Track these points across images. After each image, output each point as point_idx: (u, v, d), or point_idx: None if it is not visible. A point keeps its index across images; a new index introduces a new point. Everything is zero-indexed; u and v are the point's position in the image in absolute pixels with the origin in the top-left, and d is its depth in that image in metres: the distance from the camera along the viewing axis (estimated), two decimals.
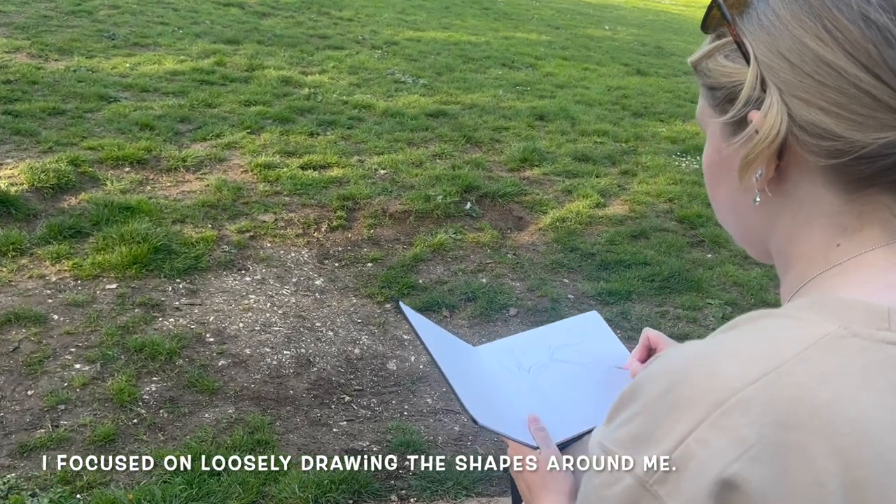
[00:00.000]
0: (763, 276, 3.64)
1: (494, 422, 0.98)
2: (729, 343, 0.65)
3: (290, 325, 2.93)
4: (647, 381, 0.67)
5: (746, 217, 0.76)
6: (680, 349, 0.69)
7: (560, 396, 1.15)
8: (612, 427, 0.71)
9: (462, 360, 1.12)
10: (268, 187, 3.96)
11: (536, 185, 4.44)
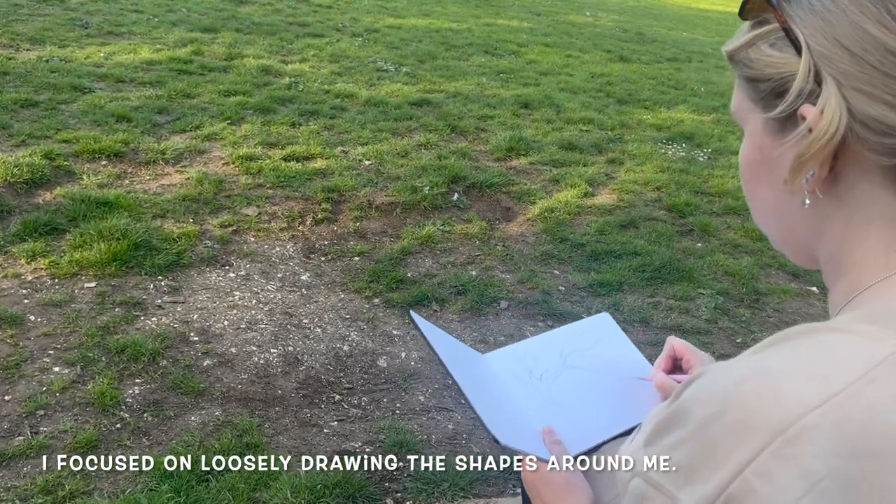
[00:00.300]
0: (754, 265, 3.61)
1: (514, 439, 0.92)
2: (785, 361, 0.59)
3: (276, 322, 2.85)
4: (694, 403, 0.61)
5: (791, 220, 0.70)
6: (729, 367, 0.63)
7: (574, 406, 1.09)
8: (653, 453, 0.64)
9: (475, 372, 1.06)
10: (250, 180, 3.87)
11: (523, 174, 4.38)
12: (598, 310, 3.10)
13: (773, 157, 0.68)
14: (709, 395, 0.60)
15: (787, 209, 0.69)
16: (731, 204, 4.27)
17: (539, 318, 3.05)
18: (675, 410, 0.63)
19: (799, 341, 0.62)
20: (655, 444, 0.64)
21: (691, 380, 0.65)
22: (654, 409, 0.78)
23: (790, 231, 0.71)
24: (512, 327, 2.98)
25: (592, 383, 1.13)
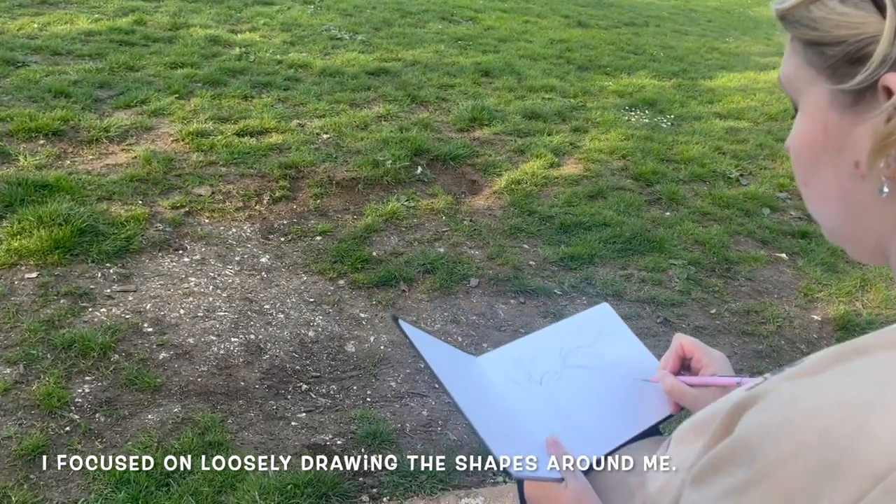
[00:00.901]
0: (723, 233, 3.57)
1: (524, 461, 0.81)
2: (867, 388, 0.47)
3: (235, 308, 2.70)
4: (761, 438, 0.50)
5: (860, 210, 0.59)
6: (794, 395, 0.51)
7: (580, 411, 0.98)
8: (709, 495, 0.53)
9: (472, 384, 0.94)
10: (202, 157, 3.66)
11: (488, 145, 4.25)
12: (570, 285, 3.02)
13: (842, 137, 0.57)
14: (778, 428, 0.49)
15: (855, 197, 0.58)
16: (697, 171, 4.22)
17: (511, 296, 2.95)
18: (735, 444, 0.52)
19: (881, 357, 0.52)
20: (710, 482, 0.53)
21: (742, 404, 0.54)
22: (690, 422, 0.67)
23: (857, 223, 0.60)
24: (483, 306, 2.87)
25: (597, 384, 1.03)
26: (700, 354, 1.02)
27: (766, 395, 0.53)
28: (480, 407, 0.87)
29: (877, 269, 3.39)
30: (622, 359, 1.07)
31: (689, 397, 0.98)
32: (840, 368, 0.52)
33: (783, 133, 5.07)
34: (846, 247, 0.65)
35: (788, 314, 3.02)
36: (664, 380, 1.01)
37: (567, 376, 1.03)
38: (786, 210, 3.95)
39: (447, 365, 0.87)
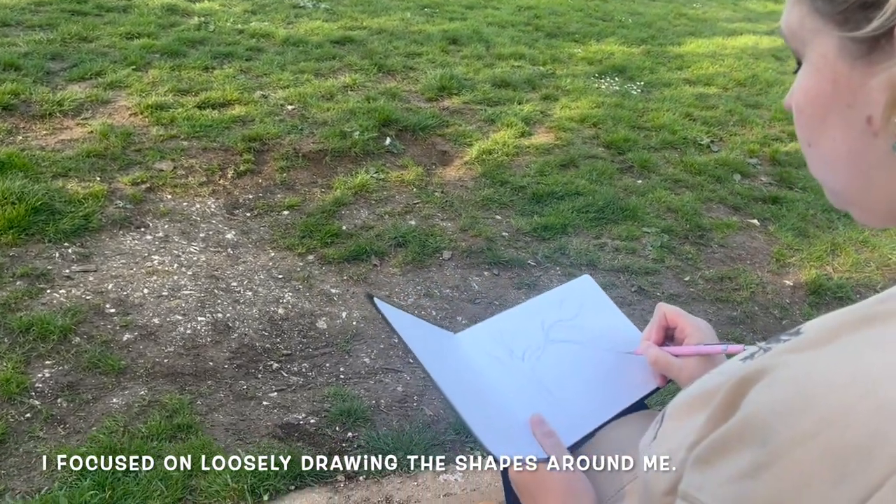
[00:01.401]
0: (695, 200, 3.56)
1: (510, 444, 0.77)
2: (887, 357, 0.44)
3: (202, 286, 2.62)
4: (773, 416, 0.45)
5: (871, 169, 0.54)
6: (807, 368, 0.47)
7: (563, 387, 0.94)
8: (716, 477, 0.49)
9: (451, 361, 0.89)
10: (162, 131, 3.53)
11: (458, 115, 4.17)
12: (544, 255, 2.99)
13: (853, 90, 0.52)
14: (792, 406, 0.45)
15: (866, 156, 0.54)
16: (668, 138, 4.20)
17: (484, 268, 2.91)
18: (745, 422, 0.47)
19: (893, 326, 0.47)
20: (716, 464, 0.48)
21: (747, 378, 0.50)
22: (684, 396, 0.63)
23: (867, 184, 0.56)
24: (457, 278, 2.83)
25: (580, 359, 0.98)
26: (684, 324, 0.98)
27: (773, 369, 0.48)
28: (462, 387, 0.82)
29: (846, 233, 3.41)
30: (606, 332, 1.03)
31: (675, 368, 0.95)
32: (852, 339, 0.48)
33: (752, 99, 5.07)
34: (853, 210, 0.60)
35: (761, 280, 3.03)
36: (648, 351, 0.97)
37: (550, 351, 0.98)
38: (756, 176, 3.95)
39: (426, 344, 0.82)
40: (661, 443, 0.62)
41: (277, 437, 2.04)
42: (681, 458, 0.55)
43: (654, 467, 0.59)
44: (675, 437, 0.59)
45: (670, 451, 0.58)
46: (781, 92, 5.21)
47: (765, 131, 4.49)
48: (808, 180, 3.90)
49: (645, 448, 0.65)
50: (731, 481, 0.46)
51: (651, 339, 0.99)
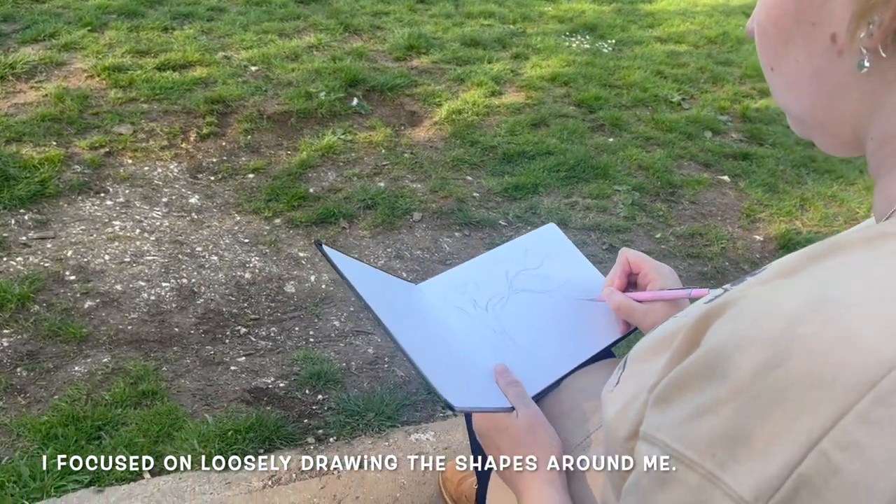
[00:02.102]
0: (666, 158, 3.54)
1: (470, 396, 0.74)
2: (851, 286, 0.40)
3: (165, 252, 2.55)
4: (733, 348, 0.42)
5: (835, 91, 0.52)
6: (769, 299, 0.44)
7: (528, 337, 0.91)
8: (675, 415, 0.46)
9: (410, 311, 0.85)
10: (120, 94, 3.42)
11: (426, 74, 4.10)
12: (515, 214, 2.96)
13: (817, 7, 0.49)
14: (751, 337, 0.42)
15: (830, 77, 0.51)
16: (640, 96, 4.17)
17: (455, 228, 2.87)
18: (703, 358, 0.45)
19: (860, 254, 0.45)
20: (675, 402, 0.46)
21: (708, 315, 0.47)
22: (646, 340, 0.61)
23: (831, 106, 0.53)
24: (428, 240, 2.79)
25: (545, 308, 0.96)
26: (647, 269, 0.96)
27: (736, 302, 0.46)
28: (420, 337, 0.79)
29: (815, 188, 3.43)
30: (571, 280, 1.00)
31: (638, 314, 0.93)
32: (817, 268, 0.46)
33: (723, 56, 5.05)
34: (817, 138, 0.58)
35: (732, 235, 3.03)
36: (611, 297, 0.95)
37: (514, 301, 0.95)
38: (727, 132, 3.94)
39: (380, 292, 0.79)
40: (623, 388, 0.59)
41: (246, 401, 2.01)
42: (642, 400, 0.52)
43: (615, 413, 0.57)
44: (637, 380, 0.57)
45: (632, 395, 0.55)
46: (752, 49, 5.19)
47: (735, 88, 4.48)
48: (779, 136, 3.90)
49: (607, 394, 0.63)
50: (690, 418, 0.44)
51: (614, 285, 0.97)
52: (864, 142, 0.53)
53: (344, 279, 0.70)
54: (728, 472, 0.41)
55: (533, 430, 0.78)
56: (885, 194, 0.53)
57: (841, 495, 0.37)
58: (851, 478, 0.37)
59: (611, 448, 0.57)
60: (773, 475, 0.39)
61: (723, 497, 0.41)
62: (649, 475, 0.46)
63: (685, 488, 0.43)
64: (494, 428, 0.80)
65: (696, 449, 0.42)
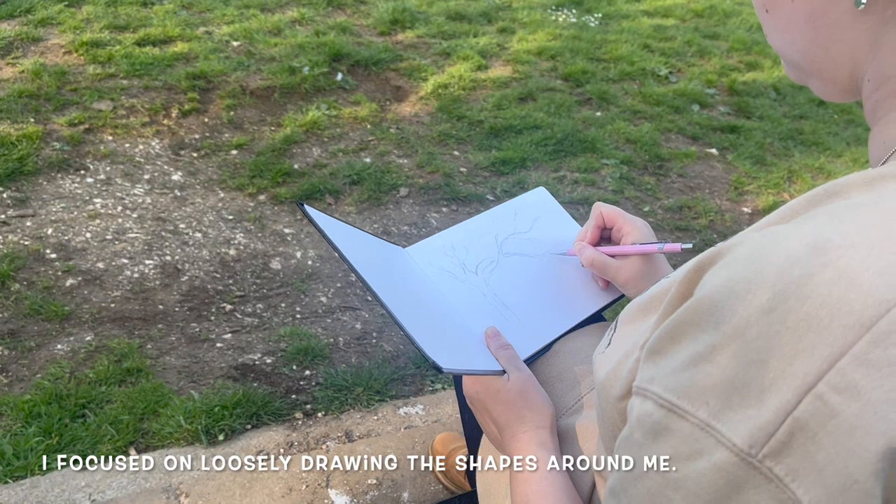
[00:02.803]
0: (654, 131, 3.52)
1: (458, 358, 0.72)
2: (848, 228, 0.38)
3: (148, 229, 2.51)
4: (728, 295, 0.40)
5: (832, 32, 0.50)
6: (764, 243, 0.42)
7: (519, 300, 0.89)
8: (668, 366, 0.44)
9: (398, 274, 0.83)
10: (99, 69, 3.35)
11: (412, 49, 4.04)
12: (503, 189, 2.94)
13: None
14: (747, 282, 0.40)
15: (827, 18, 0.49)
16: (627, 69, 4.14)
17: (442, 203, 2.85)
18: (697, 306, 0.43)
19: (859, 197, 0.43)
20: (668, 352, 0.44)
21: (701, 265, 0.45)
22: (637, 301, 0.59)
23: (828, 49, 0.51)
24: (415, 215, 2.76)
25: (536, 271, 0.94)
26: (621, 223, 0.94)
27: (730, 249, 0.44)
28: (408, 299, 0.77)
29: (802, 160, 3.43)
30: (561, 244, 0.98)
31: (612, 269, 0.91)
32: (815, 212, 0.44)
33: (710, 30, 5.02)
34: (813, 83, 0.56)
35: (720, 208, 3.03)
36: (583, 252, 0.93)
37: (504, 264, 0.93)
38: (714, 105, 3.92)
39: (366, 254, 0.76)
40: (615, 348, 0.58)
41: (232, 377, 1.99)
42: (634, 357, 0.51)
43: (607, 373, 0.56)
44: (628, 340, 0.55)
45: (625, 354, 0.54)
46: (739, 22, 5.16)
47: (722, 61, 4.45)
48: (766, 109, 3.89)
49: (599, 356, 0.61)
50: (684, 367, 0.42)
51: (586, 240, 0.95)
52: (861, 84, 0.51)
53: (328, 241, 0.68)
54: (722, 421, 0.39)
55: (524, 393, 0.77)
56: (881, 138, 0.51)
57: (838, 438, 0.36)
58: (848, 420, 0.36)
59: (603, 409, 0.56)
60: (768, 421, 0.37)
61: (717, 446, 0.39)
62: (642, 428, 0.44)
63: (679, 439, 0.41)
64: (485, 391, 0.78)
65: (689, 398, 0.41)
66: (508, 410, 0.76)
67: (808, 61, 0.53)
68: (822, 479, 0.36)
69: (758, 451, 0.38)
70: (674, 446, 0.42)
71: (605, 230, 0.97)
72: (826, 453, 0.36)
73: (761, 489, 0.38)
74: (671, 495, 0.41)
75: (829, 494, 0.36)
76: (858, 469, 0.36)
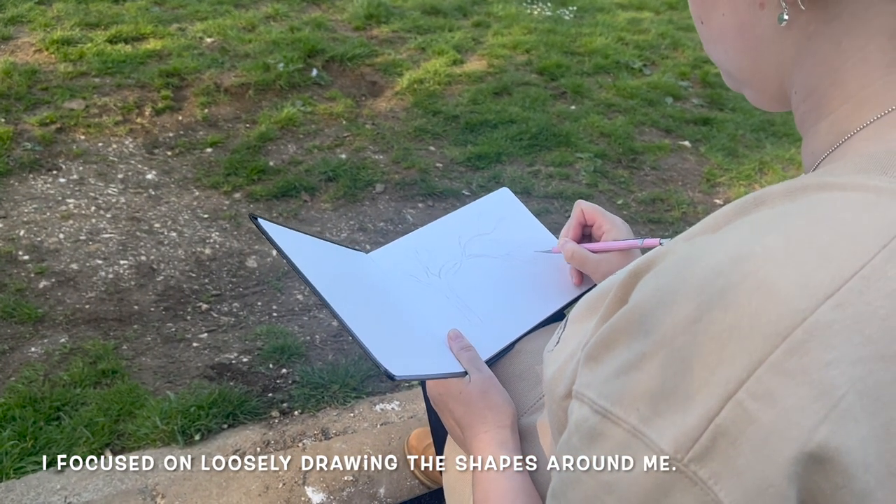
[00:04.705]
0: (628, 124, 3.56)
1: (413, 363, 0.73)
2: (771, 239, 0.40)
3: (122, 229, 2.50)
4: (656, 306, 0.42)
5: (760, 45, 0.52)
6: (692, 254, 0.43)
7: (481, 302, 0.91)
8: (603, 373, 0.46)
9: (357, 280, 0.84)
10: (71, 68, 3.32)
11: (387, 44, 4.04)
12: (479, 184, 2.96)
13: None
14: (674, 293, 0.42)
15: (754, 31, 0.52)
16: (601, 63, 4.16)
17: (419, 199, 2.86)
18: (629, 314, 0.45)
19: (781, 207, 0.46)
20: (603, 359, 0.46)
21: (637, 271, 0.47)
22: (585, 299, 0.61)
23: (756, 60, 0.54)
24: (391, 211, 2.77)
25: (499, 272, 0.96)
26: (601, 220, 0.97)
27: (663, 258, 0.46)
28: (365, 306, 0.78)
29: (774, 151, 3.47)
30: (524, 244, 1.00)
31: (591, 263, 0.95)
32: (740, 222, 0.46)
33: (683, 22, 5.06)
34: (747, 92, 0.59)
35: (692, 200, 3.07)
36: (565, 247, 0.96)
37: (467, 266, 0.95)
38: (688, 98, 3.96)
39: (320, 263, 0.77)
40: (562, 347, 0.60)
41: (208, 377, 1.99)
42: (576, 359, 0.53)
43: (553, 372, 0.58)
44: (574, 339, 0.57)
45: (570, 354, 0.56)
46: None
47: (696, 54, 4.49)
48: (738, 101, 3.94)
49: (548, 354, 0.63)
50: (616, 375, 0.44)
51: (569, 236, 0.98)
52: (790, 95, 0.54)
53: (280, 251, 0.69)
54: (650, 427, 0.41)
55: (486, 393, 0.79)
56: (810, 149, 0.53)
57: (755, 443, 0.38)
58: (765, 427, 0.38)
59: (550, 407, 0.58)
60: (692, 426, 0.39)
61: (646, 450, 0.41)
62: (579, 432, 0.46)
63: (612, 444, 0.43)
64: (447, 393, 0.80)
65: (621, 405, 0.43)
66: (470, 411, 0.78)
67: (739, 71, 0.56)
68: (742, 482, 0.38)
69: (683, 456, 0.40)
70: (607, 451, 0.44)
71: (586, 227, 1.00)
72: (745, 458, 0.38)
73: (687, 492, 0.40)
74: (605, 499, 0.43)
75: (747, 497, 0.38)
76: (774, 473, 0.38)
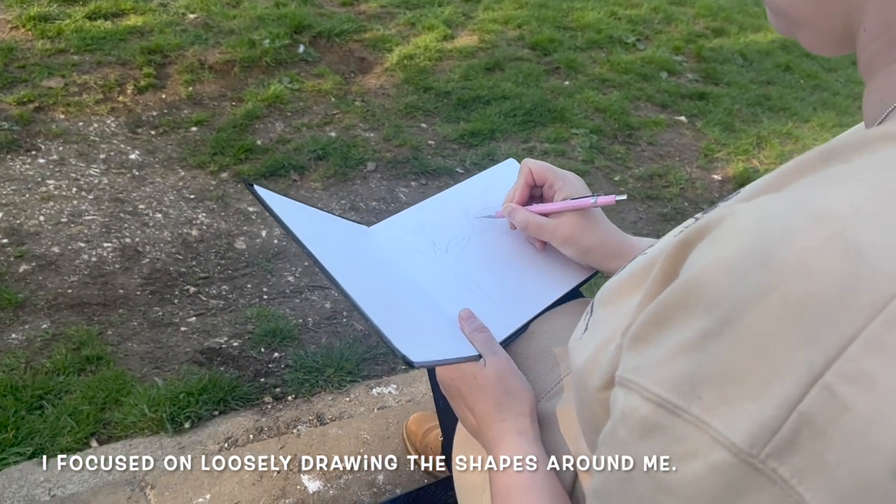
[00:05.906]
0: (623, 99, 3.49)
1: (429, 346, 0.66)
2: (852, 195, 0.33)
3: (105, 211, 2.41)
4: (719, 274, 0.34)
5: None
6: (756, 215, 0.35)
7: (492, 279, 0.84)
8: (655, 356, 0.37)
9: (360, 257, 0.77)
10: (48, 45, 3.20)
11: (375, 19, 3.94)
12: (472, 162, 2.89)
13: None
14: (741, 259, 0.35)
15: None
16: (594, 37, 4.08)
17: (411, 177, 2.79)
18: (684, 288, 0.38)
19: (858, 161, 0.39)
20: (654, 340, 0.39)
21: (687, 241, 0.40)
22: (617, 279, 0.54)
23: None
24: (383, 190, 2.70)
25: (509, 248, 0.89)
26: (552, 178, 0.89)
27: (719, 223, 0.38)
28: (373, 285, 0.71)
29: (771, 126, 3.42)
30: None
31: (548, 229, 0.86)
32: (811, 179, 0.39)
33: None
34: (802, 34, 0.51)
35: (690, 176, 3.01)
36: (514, 214, 0.88)
37: (476, 242, 0.88)
38: (682, 73, 3.90)
39: (324, 236, 0.71)
40: (592, 334, 0.53)
41: (198, 362, 1.92)
42: (615, 344, 0.46)
43: (585, 362, 0.51)
44: (608, 325, 0.50)
45: (604, 340, 0.49)
46: None
47: (689, 28, 4.42)
48: (734, 75, 3.87)
49: (575, 342, 0.56)
50: (673, 358, 0.37)
51: (515, 200, 0.90)
52: (856, 34, 0.47)
53: (281, 223, 0.62)
54: (717, 417, 0.35)
55: (502, 378, 0.72)
56: (878, 95, 0.46)
57: (850, 434, 0.32)
58: (863, 414, 0.31)
59: (583, 400, 0.51)
60: (770, 416, 0.33)
61: (712, 444, 0.35)
62: (627, 424, 0.40)
63: (669, 437, 0.37)
64: (460, 378, 0.73)
65: (679, 392, 0.36)
66: (486, 397, 0.71)
67: (798, 10, 0.48)
68: (834, 480, 0.32)
69: (759, 451, 0.33)
70: (663, 446, 0.37)
71: (536, 188, 0.92)
72: (838, 452, 0.32)
73: (764, 492, 0.33)
74: (663, 501, 0.37)
75: (841, 497, 0.32)
76: (875, 469, 0.32)
